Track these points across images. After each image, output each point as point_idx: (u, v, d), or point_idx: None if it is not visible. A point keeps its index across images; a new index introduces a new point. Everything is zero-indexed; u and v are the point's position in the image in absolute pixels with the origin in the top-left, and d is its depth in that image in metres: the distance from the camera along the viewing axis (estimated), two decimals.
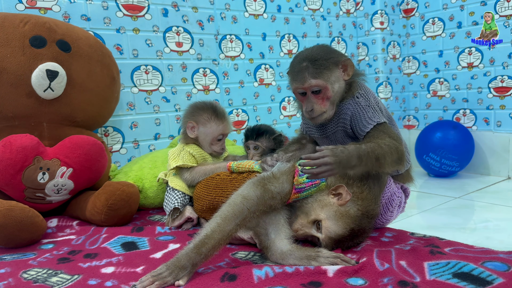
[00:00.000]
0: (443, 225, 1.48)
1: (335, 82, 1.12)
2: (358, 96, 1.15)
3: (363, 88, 1.18)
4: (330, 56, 1.12)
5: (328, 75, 1.11)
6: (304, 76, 1.11)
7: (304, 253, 0.97)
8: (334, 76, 1.12)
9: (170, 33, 1.94)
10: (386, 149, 1.03)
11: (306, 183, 1.07)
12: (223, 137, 1.43)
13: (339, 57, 1.14)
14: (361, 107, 1.13)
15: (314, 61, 1.11)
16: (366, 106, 1.13)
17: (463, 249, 0.99)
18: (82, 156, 1.38)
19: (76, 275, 0.97)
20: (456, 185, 2.06)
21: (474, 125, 2.32)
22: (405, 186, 1.27)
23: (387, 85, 2.53)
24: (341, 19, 2.54)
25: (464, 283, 0.80)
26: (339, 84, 1.13)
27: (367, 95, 1.16)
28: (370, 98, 1.16)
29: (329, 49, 1.17)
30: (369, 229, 1.06)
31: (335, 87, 1.12)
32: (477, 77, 2.28)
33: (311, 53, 1.14)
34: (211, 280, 0.88)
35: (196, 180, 1.36)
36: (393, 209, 1.20)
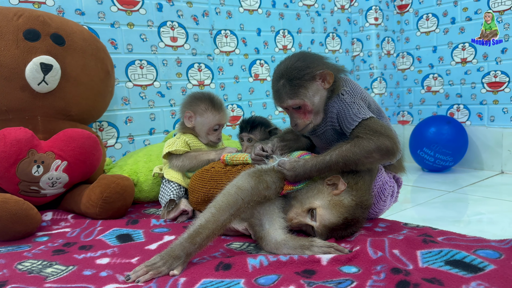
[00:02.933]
0: (437, 218, 1.48)
1: (314, 96, 1.13)
2: (343, 93, 1.15)
3: (349, 84, 1.18)
4: (305, 72, 1.12)
5: (305, 92, 1.12)
6: (281, 96, 1.13)
7: (298, 242, 0.98)
8: (312, 91, 1.13)
9: (165, 28, 1.94)
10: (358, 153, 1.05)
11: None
12: (220, 127, 1.45)
13: (316, 69, 1.12)
14: (346, 104, 1.14)
15: (290, 80, 1.12)
16: (351, 103, 1.13)
17: (456, 238, 1.00)
18: (76, 149, 1.38)
19: (71, 266, 0.97)
20: (450, 180, 2.07)
21: (468, 120, 2.33)
22: (397, 176, 1.28)
23: (382, 80, 2.54)
24: (336, 15, 2.55)
25: (456, 270, 0.81)
26: (320, 94, 1.14)
27: (352, 91, 1.16)
28: (355, 93, 1.16)
29: (306, 62, 1.14)
30: (362, 219, 1.07)
31: (315, 100, 1.13)
32: (471, 72, 2.30)
33: (288, 69, 1.14)
34: (206, 270, 0.88)
35: (186, 165, 1.39)
36: (386, 199, 1.21)
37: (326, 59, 1.18)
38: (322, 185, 1.06)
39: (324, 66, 1.14)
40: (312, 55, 1.18)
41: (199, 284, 0.82)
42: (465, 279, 0.77)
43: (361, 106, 1.13)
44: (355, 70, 2.63)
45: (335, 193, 1.03)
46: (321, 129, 1.20)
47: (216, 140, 1.46)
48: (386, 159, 1.08)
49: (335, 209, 1.01)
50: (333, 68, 1.16)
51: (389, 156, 1.07)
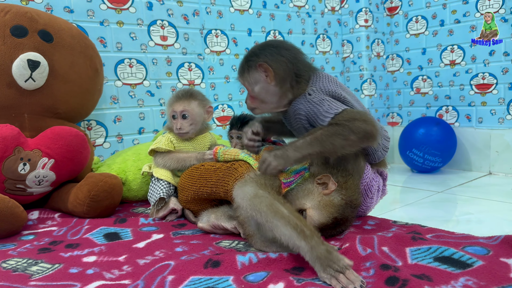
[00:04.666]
0: (426, 218, 1.49)
1: (255, 84, 1.13)
2: (310, 92, 1.12)
3: (317, 81, 1.14)
4: (251, 59, 1.13)
5: (247, 77, 1.14)
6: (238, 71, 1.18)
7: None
8: (253, 79, 1.13)
9: (155, 27, 1.93)
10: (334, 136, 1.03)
11: (294, 175, 1.08)
12: (178, 115, 1.38)
13: (259, 60, 1.11)
14: (314, 104, 1.10)
15: (243, 61, 1.16)
16: (320, 101, 1.09)
17: (444, 235, 1.00)
18: (64, 147, 1.36)
19: (57, 264, 0.96)
20: (438, 180, 2.09)
21: (457, 122, 2.35)
22: (381, 169, 1.28)
23: (371, 82, 2.55)
24: (326, 16, 2.56)
25: (444, 266, 0.81)
26: (263, 86, 1.12)
27: (320, 89, 1.12)
28: (323, 91, 1.12)
29: (262, 50, 1.13)
30: (352, 218, 1.07)
31: (255, 89, 1.13)
32: (459, 74, 2.32)
33: (250, 50, 1.17)
34: (194, 267, 0.87)
35: (168, 165, 1.38)
36: (373, 195, 1.21)
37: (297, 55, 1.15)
38: (313, 185, 1.05)
39: (277, 59, 1.11)
40: (283, 46, 1.15)
41: (188, 281, 0.81)
42: (453, 274, 0.77)
43: (331, 102, 1.09)
44: (345, 72, 2.64)
45: (325, 192, 1.02)
46: (294, 124, 1.18)
47: (175, 130, 1.39)
48: (366, 142, 1.05)
49: (325, 209, 1.01)
50: (295, 66, 1.12)
51: (368, 138, 1.04)
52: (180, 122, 1.38)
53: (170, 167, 1.38)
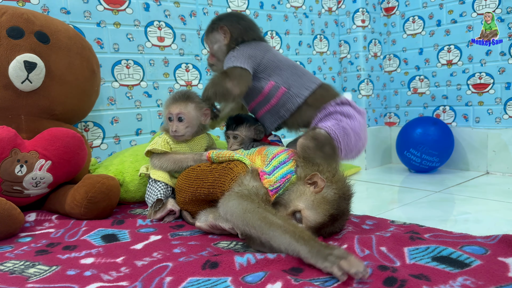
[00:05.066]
0: (423, 217, 1.49)
1: (215, 43, 1.45)
2: (232, 51, 1.39)
3: (247, 46, 1.40)
4: (215, 23, 1.45)
5: (210, 36, 1.46)
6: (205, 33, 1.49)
7: None
8: (214, 38, 1.45)
9: (152, 28, 1.92)
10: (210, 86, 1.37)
11: (279, 181, 1.08)
12: (174, 117, 1.37)
13: (221, 23, 1.43)
14: (227, 58, 1.39)
15: (208, 25, 1.47)
16: (229, 57, 1.37)
17: (442, 234, 1.00)
18: (61, 149, 1.35)
19: (55, 266, 0.95)
20: (436, 180, 2.09)
21: (454, 121, 2.36)
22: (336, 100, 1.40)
23: (369, 82, 2.56)
24: (323, 17, 2.56)
25: (443, 266, 0.81)
26: (219, 45, 1.44)
27: (241, 49, 1.38)
28: (242, 51, 1.37)
29: (225, 15, 1.48)
30: (347, 212, 1.07)
31: (214, 47, 1.45)
32: (456, 74, 2.32)
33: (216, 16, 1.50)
34: (192, 268, 0.87)
35: (164, 167, 1.37)
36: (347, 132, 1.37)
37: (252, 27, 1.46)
38: (304, 186, 1.05)
39: (234, 25, 1.42)
40: (242, 17, 1.48)
41: (186, 282, 0.81)
42: (452, 274, 0.77)
43: (237, 58, 1.35)
44: (343, 72, 2.64)
45: (317, 191, 1.03)
46: None
47: (171, 133, 1.38)
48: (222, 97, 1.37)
49: (320, 207, 1.01)
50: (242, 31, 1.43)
51: (224, 95, 1.34)
52: (176, 125, 1.37)
53: (166, 169, 1.37)
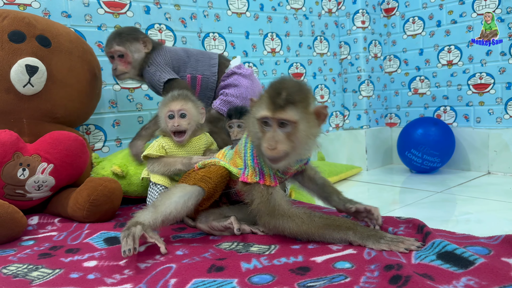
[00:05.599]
0: (425, 218, 1.47)
1: (135, 52, 1.56)
2: (149, 65, 1.57)
3: (157, 56, 1.57)
4: (134, 33, 1.57)
5: (129, 45, 1.54)
6: (111, 43, 1.55)
7: None
8: (134, 47, 1.55)
9: (153, 31, 1.93)
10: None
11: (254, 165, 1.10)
12: (175, 113, 1.36)
13: (141, 34, 1.58)
14: (151, 74, 1.56)
15: (120, 35, 1.55)
16: (154, 72, 1.55)
17: (445, 235, 1.00)
18: (63, 152, 1.36)
19: (58, 269, 0.95)
20: (437, 180, 2.09)
21: (455, 122, 2.36)
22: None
23: (369, 83, 2.56)
24: (323, 18, 2.57)
25: (447, 265, 0.81)
26: (139, 54, 1.57)
27: (157, 61, 1.56)
28: (160, 63, 1.56)
29: (136, 29, 1.63)
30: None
31: (135, 56, 1.56)
32: (457, 74, 2.33)
33: (123, 28, 1.62)
34: (198, 272, 0.87)
35: (156, 170, 1.37)
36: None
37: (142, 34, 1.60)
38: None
39: (146, 36, 1.59)
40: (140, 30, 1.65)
41: (191, 283, 0.81)
42: (455, 274, 0.77)
43: (163, 71, 1.55)
44: (343, 73, 2.65)
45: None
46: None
47: (171, 127, 1.36)
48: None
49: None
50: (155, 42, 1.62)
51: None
52: (178, 120, 1.35)
53: (158, 172, 1.37)
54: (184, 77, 1.62)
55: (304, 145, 1.02)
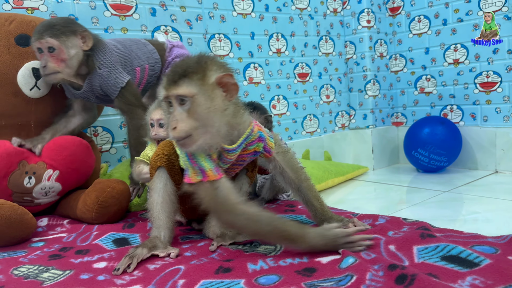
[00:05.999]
0: (432, 217, 1.49)
1: (71, 48, 1.34)
2: (99, 66, 1.39)
3: (105, 55, 1.40)
4: (71, 25, 1.35)
5: (64, 39, 1.32)
6: (42, 34, 1.30)
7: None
8: (71, 43, 1.33)
9: (159, 33, 1.94)
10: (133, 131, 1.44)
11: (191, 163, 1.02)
12: (154, 123, 1.35)
13: (80, 28, 1.37)
14: (104, 77, 1.38)
15: (53, 26, 1.32)
16: (108, 75, 1.38)
17: (453, 234, 1.00)
18: (68, 158, 1.38)
19: (68, 271, 0.97)
20: (444, 180, 2.08)
21: (461, 121, 2.35)
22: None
23: (375, 82, 2.56)
24: (329, 18, 2.57)
25: (451, 265, 0.81)
26: (77, 51, 1.35)
27: (107, 63, 1.39)
28: (111, 63, 1.39)
29: (73, 22, 1.41)
30: None
31: (71, 52, 1.34)
32: (463, 73, 2.32)
33: (61, 19, 1.38)
34: (206, 273, 0.88)
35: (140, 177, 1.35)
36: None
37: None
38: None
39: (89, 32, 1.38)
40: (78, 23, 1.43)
41: (199, 285, 0.82)
42: (460, 274, 0.78)
43: (118, 73, 1.39)
44: (349, 73, 2.64)
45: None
46: (85, 94, 1.43)
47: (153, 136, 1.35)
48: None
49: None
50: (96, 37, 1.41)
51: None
52: (156, 129, 1.35)
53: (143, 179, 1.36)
54: (132, 71, 1.49)
55: (210, 121, 0.92)
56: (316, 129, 2.54)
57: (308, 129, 2.50)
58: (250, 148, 1.06)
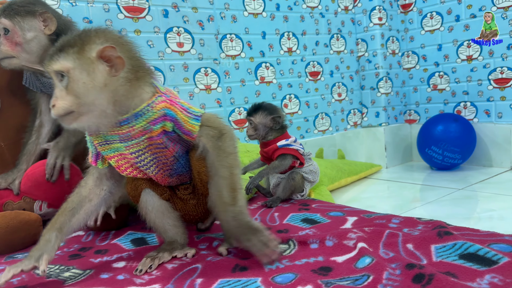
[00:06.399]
0: (447, 216, 1.49)
1: (29, 31, 1.18)
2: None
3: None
4: (29, 5, 1.19)
5: (19, 19, 1.17)
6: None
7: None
8: (28, 24, 1.18)
9: (171, 34, 1.96)
10: None
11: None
12: None
13: (38, 8, 1.19)
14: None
15: (10, 5, 1.18)
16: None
17: (469, 233, 1.00)
18: (49, 190, 1.31)
19: (88, 270, 0.99)
20: (459, 177, 2.07)
21: (475, 117, 2.33)
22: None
23: (387, 80, 2.55)
24: (340, 16, 2.56)
25: (470, 264, 0.81)
26: (36, 34, 1.19)
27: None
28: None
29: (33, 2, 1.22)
30: None
31: (27, 36, 1.18)
32: (477, 69, 2.30)
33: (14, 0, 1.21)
34: (223, 272, 0.89)
35: None
36: None
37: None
38: None
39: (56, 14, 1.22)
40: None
41: (217, 283, 0.83)
42: (479, 272, 0.78)
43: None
44: (361, 71, 2.64)
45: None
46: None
47: None
48: None
49: None
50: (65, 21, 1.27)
51: None
52: None
53: None
54: None
55: (90, 97, 0.85)
56: (328, 127, 2.54)
57: (320, 128, 2.50)
58: (155, 128, 0.93)
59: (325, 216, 1.26)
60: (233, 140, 0.99)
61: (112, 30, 0.92)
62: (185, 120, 0.95)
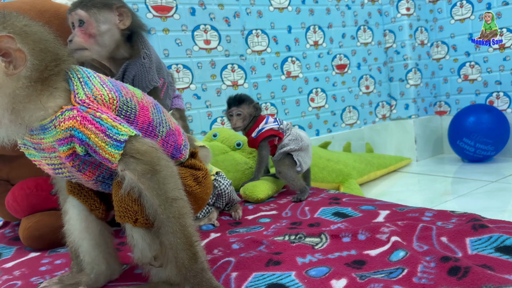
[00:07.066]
0: (481, 209, 1.46)
1: (104, 23, 1.14)
2: (144, 56, 1.20)
3: (148, 47, 1.23)
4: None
5: (95, 11, 1.13)
6: (75, 7, 1.13)
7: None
8: (103, 17, 1.14)
9: (198, 32, 1.98)
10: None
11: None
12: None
13: (115, 2, 1.16)
14: (145, 68, 1.20)
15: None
16: (149, 68, 1.21)
17: (505, 225, 0.98)
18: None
19: (124, 265, 1.02)
20: (492, 169, 2.03)
21: (509, 108, 2.27)
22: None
23: (417, 71, 2.50)
24: (366, 7, 2.53)
25: (506, 257, 0.80)
26: (111, 29, 1.14)
27: (150, 56, 1.22)
28: (152, 59, 1.23)
29: None
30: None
31: (101, 28, 1.13)
32: (510, 58, 2.23)
33: None
34: (257, 266, 0.91)
35: None
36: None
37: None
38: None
39: (131, 11, 1.18)
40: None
41: (251, 277, 0.85)
42: None
43: (154, 73, 1.23)
44: (389, 62, 2.60)
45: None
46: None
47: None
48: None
49: None
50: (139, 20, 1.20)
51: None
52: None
53: None
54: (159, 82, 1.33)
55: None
56: (356, 120, 2.52)
57: (347, 121, 2.49)
58: (61, 150, 0.73)
59: (356, 210, 1.26)
60: (173, 180, 0.76)
61: (16, 15, 0.70)
62: (101, 146, 0.71)
